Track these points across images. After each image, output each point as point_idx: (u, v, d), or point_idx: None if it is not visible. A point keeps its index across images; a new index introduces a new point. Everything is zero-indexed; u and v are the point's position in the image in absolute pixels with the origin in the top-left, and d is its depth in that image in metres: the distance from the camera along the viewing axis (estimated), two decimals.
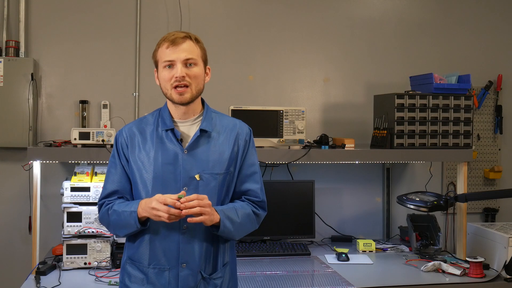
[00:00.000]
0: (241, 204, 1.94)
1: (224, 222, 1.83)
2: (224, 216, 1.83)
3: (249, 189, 1.96)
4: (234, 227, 1.86)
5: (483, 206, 3.75)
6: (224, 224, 1.83)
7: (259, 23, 3.52)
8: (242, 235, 1.95)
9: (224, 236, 1.87)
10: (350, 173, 3.56)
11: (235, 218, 1.86)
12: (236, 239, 1.96)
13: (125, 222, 1.84)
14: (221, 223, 1.82)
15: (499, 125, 3.74)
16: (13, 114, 3.12)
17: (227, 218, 1.84)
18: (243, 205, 1.93)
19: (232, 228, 1.85)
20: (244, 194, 1.97)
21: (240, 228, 1.89)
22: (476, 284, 2.70)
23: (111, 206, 1.89)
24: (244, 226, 1.91)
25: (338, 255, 3.02)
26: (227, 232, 1.85)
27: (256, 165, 2.00)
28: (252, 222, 1.95)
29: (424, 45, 3.70)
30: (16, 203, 3.22)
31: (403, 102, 3.11)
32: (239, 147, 1.95)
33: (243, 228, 1.91)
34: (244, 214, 1.90)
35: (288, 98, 3.55)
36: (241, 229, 1.91)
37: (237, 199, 1.97)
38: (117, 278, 2.59)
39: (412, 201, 3.07)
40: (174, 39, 1.85)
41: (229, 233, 1.86)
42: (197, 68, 1.87)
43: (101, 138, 2.86)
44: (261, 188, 1.99)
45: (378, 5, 3.67)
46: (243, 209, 1.91)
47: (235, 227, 1.86)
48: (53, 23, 3.28)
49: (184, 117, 1.93)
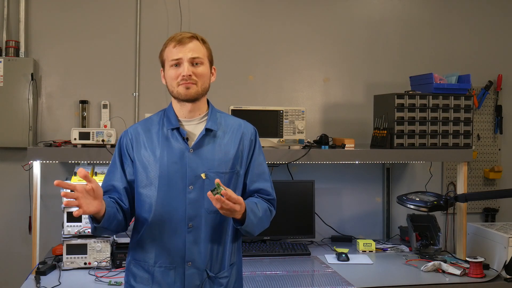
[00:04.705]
0: (258, 199, 1.94)
1: (249, 215, 1.82)
2: (249, 208, 1.82)
3: (260, 188, 1.98)
4: (256, 221, 1.86)
5: (483, 206, 3.75)
6: (249, 217, 1.82)
7: (259, 23, 3.52)
8: (260, 231, 1.93)
9: (246, 230, 1.86)
10: (350, 173, 3.56)
11: (258, 212, 1.87)
12: (255, 234, 1.93)
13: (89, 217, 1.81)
14: (247, 216, 1.81)
15: (499, 125, 3.74)
16: (13, 114, 3.12)
17: (251, 211, 1.84)
18: (260, 200, 1.94)
19: (255, 221, 1.85)
20: (256, 193, 1.98)
21: (260, 223, 1.89)
22: (476, 284, 2.70)
23: None
24: (264, 221, 1.92)
25: (338, 255, 3.02)
26: (250, 225, 1.84)
27: (264, 164, 2.01)
28: (268, 218, 1.96)
29: (424, 45, 3.70)
30: (16, 203, 3.22)
31: (403, 102, 3.11)
32: (244, 146, 1.96)
33: (263, 223, 1.92)
34: (263, 209, 1.91)
35: (288, 98, 3.55)
36: (261, 224, 1.91)
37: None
38: (117, 278, 2.60)
39: (412, 201, 3.07)
40: (181, 39, 1.87)
41: (252, 226, 1.85)
42: (203, 67, 1.89)
43: (101, 138, 2.86)
44: (271, 187, 2.01)
45: (378, 5, 3.68)
46: (262, 204, 1.92)
47: (257, 221, 1.86)
48: (53, 23, 3.28)
49: (189, 116, 1.93)
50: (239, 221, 1.83)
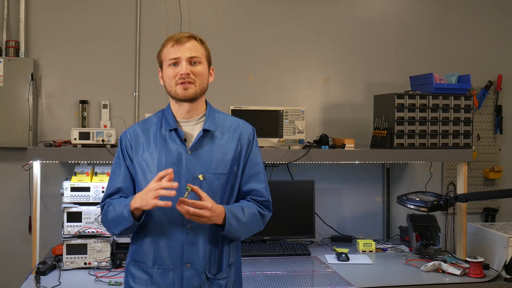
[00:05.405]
0: (247, 203, 1.93)
1: (230, 221, 1.82)
2: (230, 214, 1.82)
3: (253, 189, 1.96)
4: (240, 226, 1.85)
5: (483, 206, 3.75)
6: (230, 223, 1.82)
7: (259, 23, 3.52)
8: (247, 235, 1.94)
9: (229, 235, 1.87)
10: (350, 173, 3.56)
11: (242, 217, 1.86)
12: (241, 239, 1.95)
13: (120, 215, 1.82)
14: (227, 221, 1.81)
15: (499, 125, 3.74)
16: (13, 114, 3.12)
17: (234, 217, 1.83)
18: (249, 204, 1.93)
19: (237, 227, 1.84)
20: (248, 194, 1.96)
21: (246, 227, 1.89)
22: (476, 284, 2.70)
23: (111, 203, 1.89)
24: (250, 226, 1.91)
25: (338, 255, 3.02)
26: (232, 231, 1.84)
27: (260, 164, 2.00)
28: (258, 222, 1.94)
29: (424, 45, 3.70)
30: (16, 203, 3.22)
31: (403, 102, 3.11)
32: (242, 146, 1.95)
33: (249, 228, 1.91)
34: (250, 214, 1.90)
35: (288, 98, 3.55)
36: (247, 229, 1.90)
37: (242, 199, 1.97)
38: (117, 278, 2.61)
39: (412, 201, 3.07)
40: (179, 38, 1.87)
41: (235, 232, 1.86)
42: (201, 66, 1.89)
43: (101, 138, 2.86)
44: (265, 188, 1.99)
45: (378, 5, 3.67)
46: (249, 209, 1.91)
47: (241, 226, 1.86)
48: (53, 23, 3.28)
49: (187, 117, 1.93)
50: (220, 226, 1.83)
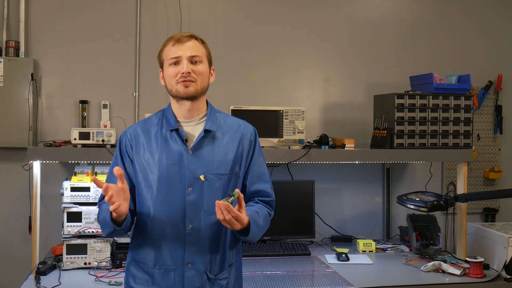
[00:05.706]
0: (259, 206, 1.94)
1: (253, 227, 1.81)
2: (252, 220, 1.81)
3: (260, 190, 1.97)
4: (258, 230, 1.86)
5: (483, 206, 3.75)
6: (253, 229, 1.81)
7: (259, 23, 3.52)
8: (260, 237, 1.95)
9: (248, 239, 1.86)
10: (350, 173, 3.56)
11: (259, 222, 1.87)
12: (255, 242, 1.95)
13: (103, 220, 1.81)
14: (251, 229, 1.80)
15: (499, 125, 3.74)
16: (13, 114, 3.12)
17: (254, 223, 1.83)
18: (260, 207, 1.94)
19: (257, 231, 1.85)
20: (255, 195, 1.97)
21: (262, 230, 1.90)
22: (476, 284, 2.70)
23: (101, 206, 1.90)
24: (264, 228, 1.92)
25: (338, 255, 3.02)
26: (253, 237, 1.84)
27: (264, 165, 2.01)
28: (268, 223, 1.96)
29: (424, 45, 3.70)
30: (16, 203, 3.22)
31: (403, 102, 3.11)
32: (243, 147, 1.95)
33: (263, 230, 1.92)
34: (264, 217, 1.91)
35: (288, 98, 3.55)
36: (262, 231, 1.91)
37: (248, 200, 1.97)
38: (117, 278, 2.60)
39: (412, 201, 3.07)
40: (180, 38, 1.87)
41: (254, 237, 1.85)
42: (202, 65, 1.89)
43: (101, 138, 2.86)
44: (271, 188, 2.01)
45: (378, 5, 3.67)
46: (262, 212, 1.92)
47: (259, 230, 1.87)
48: (53, 23, 3.28)
49: (188, 116, 1.92)
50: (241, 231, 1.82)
